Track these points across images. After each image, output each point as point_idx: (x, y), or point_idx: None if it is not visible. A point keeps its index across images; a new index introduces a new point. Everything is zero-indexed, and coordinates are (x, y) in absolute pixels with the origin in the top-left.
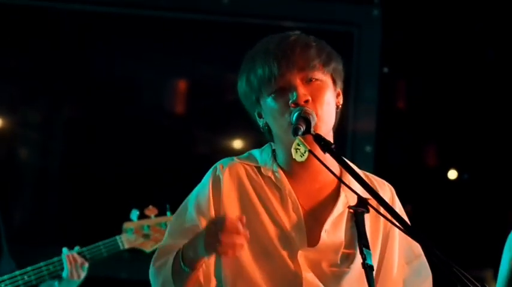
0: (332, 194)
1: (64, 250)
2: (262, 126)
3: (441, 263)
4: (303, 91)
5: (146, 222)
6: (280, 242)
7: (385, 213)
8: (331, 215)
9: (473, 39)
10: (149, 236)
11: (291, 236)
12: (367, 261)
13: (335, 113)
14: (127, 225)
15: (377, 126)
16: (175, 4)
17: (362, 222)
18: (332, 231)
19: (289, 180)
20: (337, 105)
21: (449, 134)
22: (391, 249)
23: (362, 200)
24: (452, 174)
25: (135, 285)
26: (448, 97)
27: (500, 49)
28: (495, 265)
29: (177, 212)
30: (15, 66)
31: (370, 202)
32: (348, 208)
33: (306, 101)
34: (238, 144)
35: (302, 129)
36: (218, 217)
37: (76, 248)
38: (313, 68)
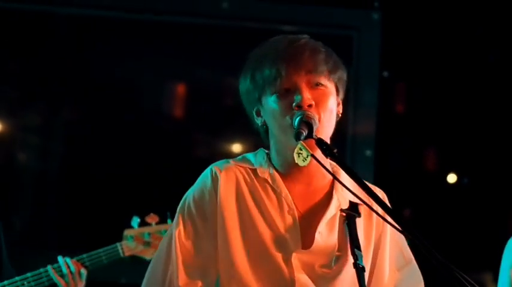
0: (325, 197)
1: (60, 259)
2: (260, 125)
3: (440, 265)
4: (308, 95)
5: (147, 229)
6: (274, 244)
7: (385, 215)
8: (324, 217)
9: (473, 43)
10: (150, 243)
11: (286, 238)
12: (358, 262)
13: (335, 122)
14: (127, 232)
15: (377, 130)
16: (174, 8)
17: (354, 225)
18: (326, 233)
19: (284, 182)
20: (337, 114)
21: (449, 138)
22: (382, 256)
23: (353, 204)
24: (452, 178)
25: None
26: (448, 101)
27: (500, 53)
28: (494, 269)
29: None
30: (14, 69)
31: (363, 206)
32: (340, 211)
33: (310, 106)
34: (237, 148)
35: (304, 133)
36: None
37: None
38: (320, 73)
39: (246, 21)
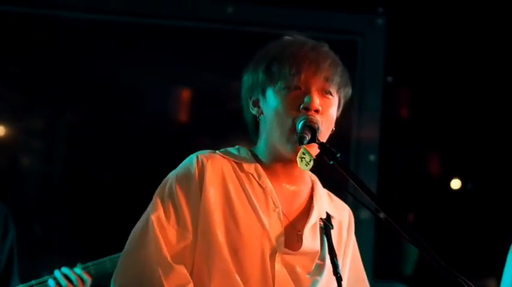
0: (306, 203)
1: (56, 272)
2: (252, 116)
3: (443, 270)
4: (317, 100)
5: None
6: (258, 238)
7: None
8: (308, 222)
9: (477, 48)
10: None
11: (269, 235)
12: (338, 270)
13: (329, 134)
14: None
15: (381, 135)
16: (179, 13)
17: (331, 234)
18: (310, 238)
19: (269, 178)
20: (333, 129)
21: (453, 143)
22: (344, 267)
23: (329, 216)
24: (455, 183)
25: None
26: (452, 106)
27: (504, 58)
28: (498, 275)
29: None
30: (17, 73)
31: (334, 219)
32: (320, 220)
33: (317, 111)
34: None
35: (307, 138)
36: None
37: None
38: (334, 84)
39: (251, 26)
